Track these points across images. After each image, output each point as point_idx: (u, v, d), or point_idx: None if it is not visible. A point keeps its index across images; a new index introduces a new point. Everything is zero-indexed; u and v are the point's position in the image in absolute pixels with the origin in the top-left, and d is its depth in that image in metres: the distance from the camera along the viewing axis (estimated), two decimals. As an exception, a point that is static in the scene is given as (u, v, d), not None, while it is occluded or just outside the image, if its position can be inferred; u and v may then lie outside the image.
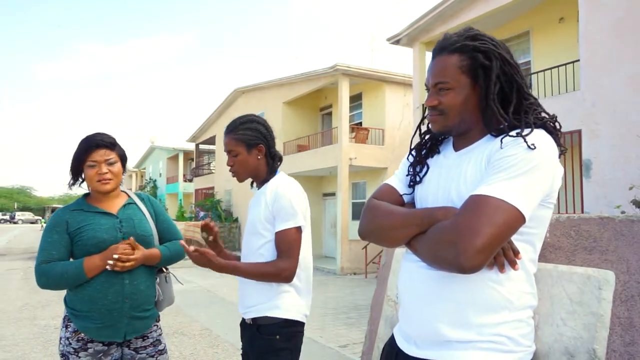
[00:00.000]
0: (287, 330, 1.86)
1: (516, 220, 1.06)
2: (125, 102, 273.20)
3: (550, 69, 8.72)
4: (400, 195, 1.37)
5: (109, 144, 2.06)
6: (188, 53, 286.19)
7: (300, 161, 15.56)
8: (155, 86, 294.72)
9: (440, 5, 10.33)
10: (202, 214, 21.47)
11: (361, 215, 1.35)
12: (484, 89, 1.20)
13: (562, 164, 1.19)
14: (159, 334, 2.16)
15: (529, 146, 1.10)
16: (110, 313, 1.96)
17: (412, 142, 1.45)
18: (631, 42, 7.15)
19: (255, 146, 1.95)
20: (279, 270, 1.82)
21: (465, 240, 1.03)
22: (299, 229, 1.87)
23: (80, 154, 2.04)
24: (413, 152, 1.40)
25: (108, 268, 1.94)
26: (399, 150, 14.29)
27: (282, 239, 1.84)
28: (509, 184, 1.07)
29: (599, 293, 1.23)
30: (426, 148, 1.39)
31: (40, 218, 60.23)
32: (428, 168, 1.35)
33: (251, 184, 2.08)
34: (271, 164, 1.99)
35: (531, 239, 1.17)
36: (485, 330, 1.13)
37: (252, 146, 1.95)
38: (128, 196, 2.19)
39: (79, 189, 2.17)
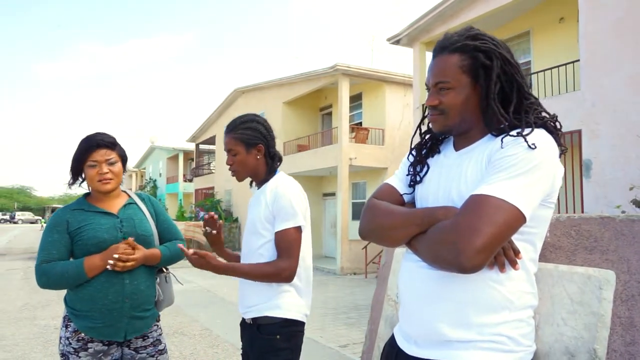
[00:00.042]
0: (288, 330, 1.85)
1: (517, 219, 1.06)
2: (125, 102, 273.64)
3: (550, 69, 8.71)
4: (400, 195, 1.37)
5: (109, 143, 2.06)
6: (188, 53, 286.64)
7: (300, 161, 15.56)
8: (155, 86, 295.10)
9: (441, 5, 10.33)
10: (202, 214, 21.47)
11: (361, 214, 1.35)
12: (485, 89, 1.20)
13: (562, 164, 1.19)
14: (159, 334, 2.16)
15: (529, 146, 1.10)
16: (110, 313, 1.95)
17: (413, 142, 1.45)
18: (631, 42, 7.14)
19: (255, 146, 1.95)
20: (279, 270, 1.82)
21: (465, 240, 1.03)
22: (298, 229, 1.87)
23: (80, 154, 2.04)
24: (413, 152, 1.40)
25: (108, 268, 1.94)
26: (399, 150, 14.29)
27: (282, 239, 1.84)
28: (509, 183, 1.07)
29: (600, 293, 1.23)
30: (426, 148, 1.39)
31: (40, 218, 60.24)
32: (428, 168, 1.34)
33: (250, 183, 2.08)
34: (270, 164, 1.99)
35: (532, 238, 1.17)
36: (485, 330, 1.12)
37: (252, 146, 1.95)
38: (128, 196, 2.19)
39: (79, 189, 2.17)
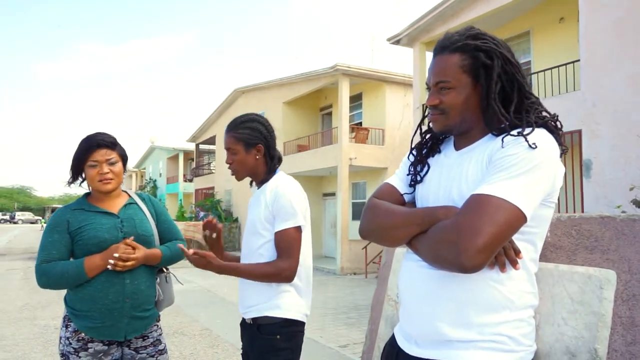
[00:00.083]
0: (288, 330, 1.85)
1: (517, 219, 1.06)
2: (125, 102, 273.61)
3: (550, 69, 8.71)
4: (401, 194, 1.36)
5: (110, 143, 2.06)
6: (188, 53, 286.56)
7: (300, 161, 15.56)
8: (155, 86, 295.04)
9: (441, 5, 10.33)
10: (202, 214, 21.47)
11: (362, 214, 1.35)
12: (485, 88, 1.20)
13: (563, 163, 1.19)
14: (159, 334, 2.16)
15: (530, 145, 1.09)
16: (110, 313, 1.95)
17: (413, 142, 1.44)
18: (631, 42, 7.14)
19: (254, 146, 1.95)
20: (279, 270, 1.82)
21: (466, 240, 1.03)
22: (298, 229, 1.86)
23: (81, 154, 2.04)
24: (414, 152, 1.40)
25: (109, 267, 1.94)
26: (399, 150, 14.29)
27: (282, 239, 1.84)
28: (510, 183, 1.07)
29: (600, 292, 1.23)
30: (427, 147, 1.38)
31: (40, 218, 60.26)
32: (429, 167, 1.34)
33: (250, 182, 2.08)
34: (270, 164, 1.99)
35: (532, 238, 1.17)
36: (486, 330, 1.12)
37: (251, 146, 1.94)
38: (129, 196, 2.19)
39: (79, 190, 2.17)
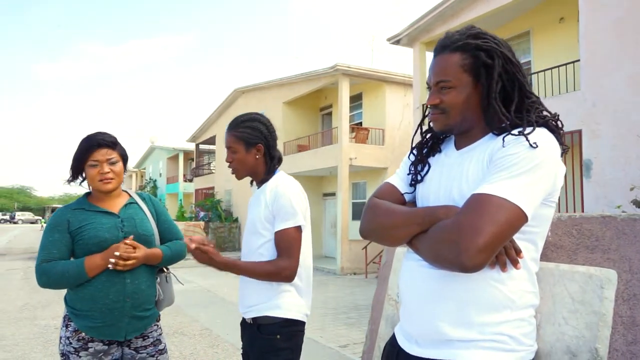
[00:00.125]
0: (288, 330, 1.85)
1: (518, 218, 1.06)
2: (125, 102, 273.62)
3: (550, 69, 8.71)
4: (401, 194, 1.36)
5: (110, 143, 2.06)
6: (188, 53, 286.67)
7: (301, 161, 15.56)
8: (155, 86, 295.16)
9: (441, 5, 10.33)
10: (202, 214, 21.47)
11: (362, 214, 1.35)
12: (486, 88, 1.20)
13: (563, 163, 1.18)
14: (159, 334, 2.16)
15: (531, 145, 1.09)
16: (111, 312, 1.95)
17: (414, 141, 1.44)
18: (631, 42, 7.14)
19: (254, 145, 1.95)
20: (279, 269, 1.82)
21: (467, 239, 1.03)
22: (298, 229, 1.86)
23: (81, 154, 2.03)
24: (414, 151, 1.40)
25: (110, 267, 1.93)
26: (399, 150, 14.29)
27: (282, 239, 1.84)
28: (511, 182, 1.06)
29: (601, 292, 1.22)
30: (427, 147, 1.38)
31: (40, 218, 60.27)
32: (429, 167, 1.34)
33: (251, 182, 2.08)
34: (269, 164, 1.98)
35: (533, 237, 1.17)
36: (487, 329, 1.12)
37: (251, 145, 1.94)
38: (129, 195, 2.19)
39: (79, 190, 2.18)
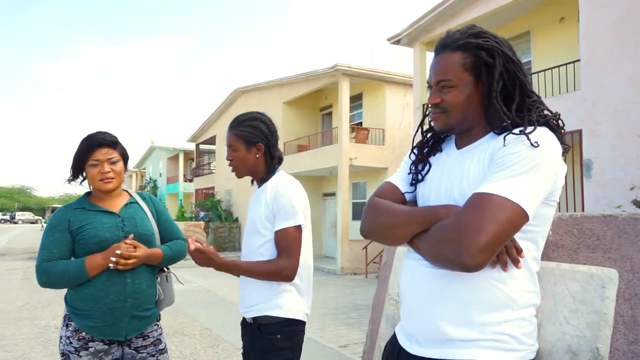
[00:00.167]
0: (288, 330, 1.85)
1: (519, 218, 1.05)
2: (125, 102, 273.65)
3: (550, 69, 8.71)
4: (402, 193, 1.36)
5: (111, 142, 2.06)
6: (188, 53, 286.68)
7: (301, 161, 15.55)
8: (155, 86, 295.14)
9: (441, 5, 10.33)
10: (203, 214, 21.46)
11: (363, 213, 1.34)
12: (487, 87, 1.19)
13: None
14: (159, 334, 2.16)
15: (532, 144, 1.09)
16: (112, 312, 1.95)
17: (414, 141, 1.44)
18: (631, 42, 7.14)
19: (255, 144, 1.95)
20: (279, 269, 1.81)
21: (468, 239, 1.03)
22: (298, 228, 1.86)
23: (82, 153, 2.03)
24: (415, 150, 1.40)
25: (111, 266, 1.93)
26: (399, 150, 14.28)
27: (282, 238, 1.84)
28: (512, 181, 1.06)
29: (602, 291, 1.22)
30: (428, 146, 1.38)
31: (41, 218, 60.27)
32: (430, 166, 1.34)
33: (252, 181, 2.08)
34: (270, 164, 1.98)
35: (534, 237, 1.17)
36: (488, 329, 1.12)
37: (252, 144, 1.95)
38: (130, 195, 2.19)
39: (79, 190, 2.18)
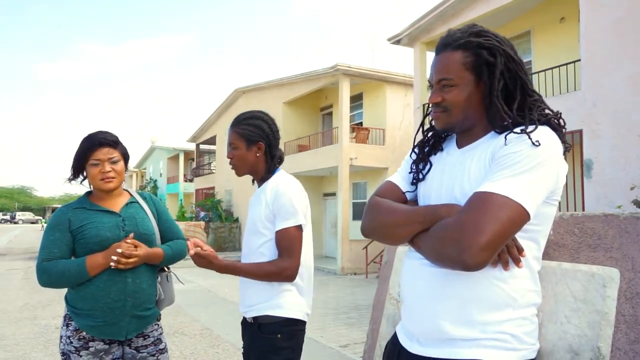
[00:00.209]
0: (289, 329, 1.85)
1: (521, 217, 1.05)
2: (125, 102, 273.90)
3: (551, 69, 8.70)
4: (403, 192, 1.36)
5: (111, 142, 2.06)
6: (188, 53, 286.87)
7: (301, 161, 15.55)
8: (156, 86, 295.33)
9: (441, 5, 10.33)
10: (203, 214, 21.46)
11: (364, 212, 1.34)
12: (488, 86, 1.19)
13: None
14: (159, 333, 2.16)
15: (533, 143, 1.09)
16: (112, 311, 1.95)
17: (415, 140, 1.44)
18: (631, 42, 7.14)
19: (255, 143, 1.95)
20: (280, 269, 1.81)
21: (469, 238, 1.02)
22: (299, 228, 1.86)
23: (83, 152, 2.03)
24: (416, 150, 1.39)
25: (112, 265, 1.93)
26: (399, 150, 14.28)
27: (283, 238, 1.84)
28: (513, 180, 1.06)
29: (604, 291, 1.22)
30: (429, 145, 1.38)
31: (41, 218, 60.30)
32: (431, 165, 1.34)
33: (252, 181, 2.08)
34: (270, 163, 1.98)
35: (535, 236, 1.17)
36: (489, 328, 1.12)
37: (252, 143, 1.95)
38: (130, 195, 2.19)
39: (79, 189, 2.18)
